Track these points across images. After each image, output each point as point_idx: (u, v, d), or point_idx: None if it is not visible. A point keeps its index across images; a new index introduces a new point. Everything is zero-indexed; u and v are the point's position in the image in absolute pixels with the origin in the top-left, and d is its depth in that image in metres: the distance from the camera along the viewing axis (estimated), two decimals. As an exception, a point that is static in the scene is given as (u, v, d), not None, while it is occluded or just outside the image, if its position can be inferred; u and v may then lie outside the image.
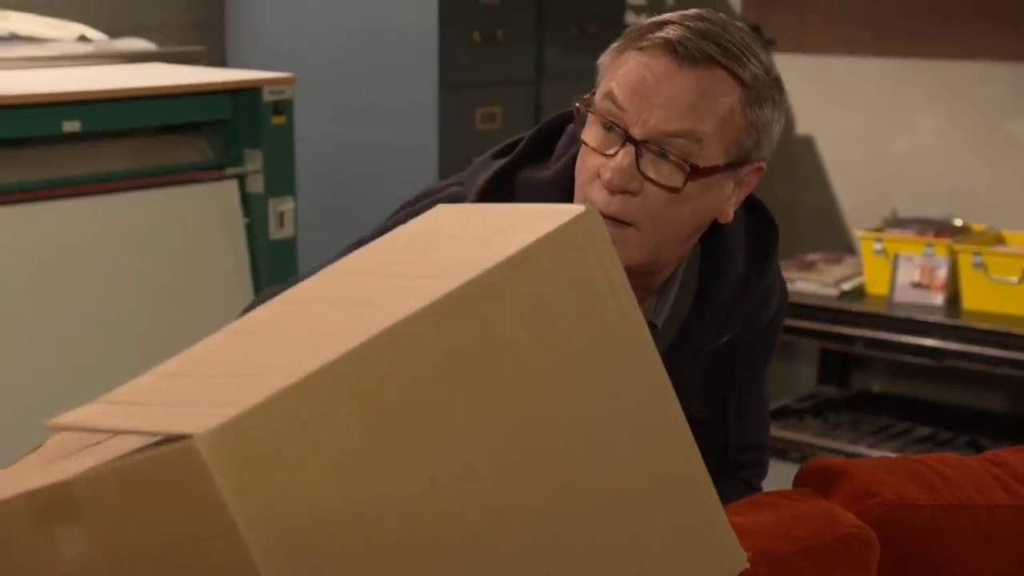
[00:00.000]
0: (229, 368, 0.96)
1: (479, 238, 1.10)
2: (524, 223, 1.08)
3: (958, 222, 3.97)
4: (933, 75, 4.12)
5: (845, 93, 4.26)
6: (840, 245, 4.28)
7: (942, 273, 3.79)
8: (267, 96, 3.03)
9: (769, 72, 1.52)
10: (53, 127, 2.74)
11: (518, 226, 1.08)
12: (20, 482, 0.96)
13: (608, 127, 1.49)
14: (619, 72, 1.50)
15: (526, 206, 1.23)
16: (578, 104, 1.53)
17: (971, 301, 3.78)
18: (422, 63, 3.43)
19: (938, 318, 3.74)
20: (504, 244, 1.03)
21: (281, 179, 3.09)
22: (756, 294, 1.65)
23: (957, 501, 1.51)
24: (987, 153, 4.08)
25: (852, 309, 3.86)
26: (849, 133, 4.29)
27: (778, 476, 1.79)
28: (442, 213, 1.21)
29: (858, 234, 4.03)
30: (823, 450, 3.83)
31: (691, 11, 1.53)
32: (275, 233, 3.08)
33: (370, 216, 1.80)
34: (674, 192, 1.48)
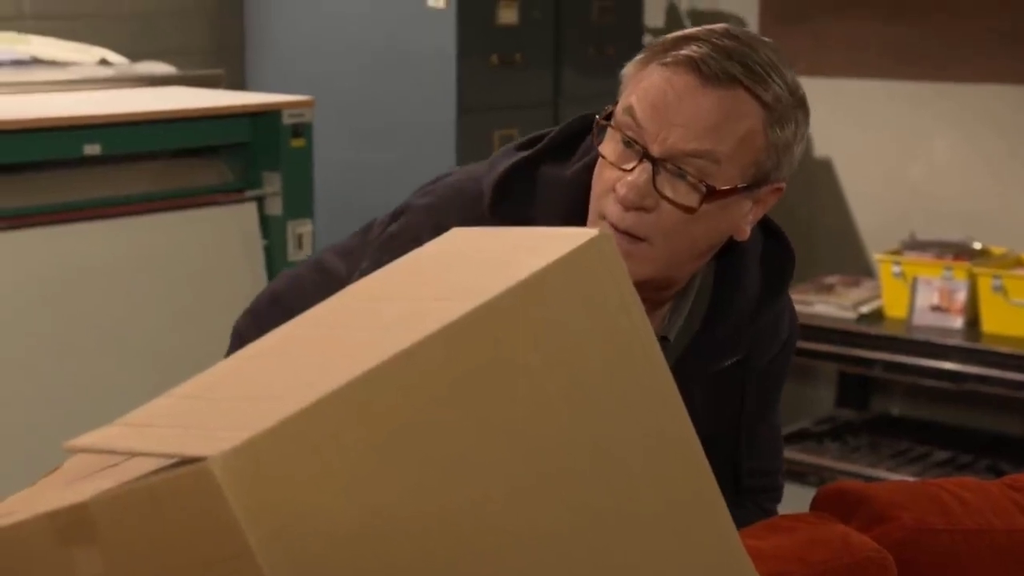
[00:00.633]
0: (243, 391, 0.97)
1: (494, 261, 1.11)
2: (538, 246, 1.08)
3: (977, 245, 3.96)
4: (951, 98, 4.11)
5: (862, 116, 4.26)
6: (858, 268, 4.27)
7: (961, 296, 3.78)
8: (286, 119, 3.05)
9: (794, 93, 1.49)
10: (74, 150, 2.77)
11: (532, 249, 1.08)
12: (39, 503, 0.97)
13: (627, 142, 1.48)
14: (641, 85, 1.48)
15: (540, 229, 1.23)
16: (598, 116, 1.52)
17: (990, 324, 3.76)
18: (440, 86, 3.45)
19: (957, 341, 3.73)
20: (518, 267, 1.04)
21: (300, 201, 3.11)
22: (767, 317, 1.64)
23: (976, 526, 1.50)
24: (1005, 176, 4.07)
25: (871, 332, 3.85)
26: (867, 156, 4.28)
27: (796, 499, 1.79)
28: (457, 236, 1.21)
29: (876, 257, 4.03)
30: (841, 473, 3.81)
31: (718, 26, 1.50)
32: (294, 255, 3.09)
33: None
34: (689, 212, 1.46)
